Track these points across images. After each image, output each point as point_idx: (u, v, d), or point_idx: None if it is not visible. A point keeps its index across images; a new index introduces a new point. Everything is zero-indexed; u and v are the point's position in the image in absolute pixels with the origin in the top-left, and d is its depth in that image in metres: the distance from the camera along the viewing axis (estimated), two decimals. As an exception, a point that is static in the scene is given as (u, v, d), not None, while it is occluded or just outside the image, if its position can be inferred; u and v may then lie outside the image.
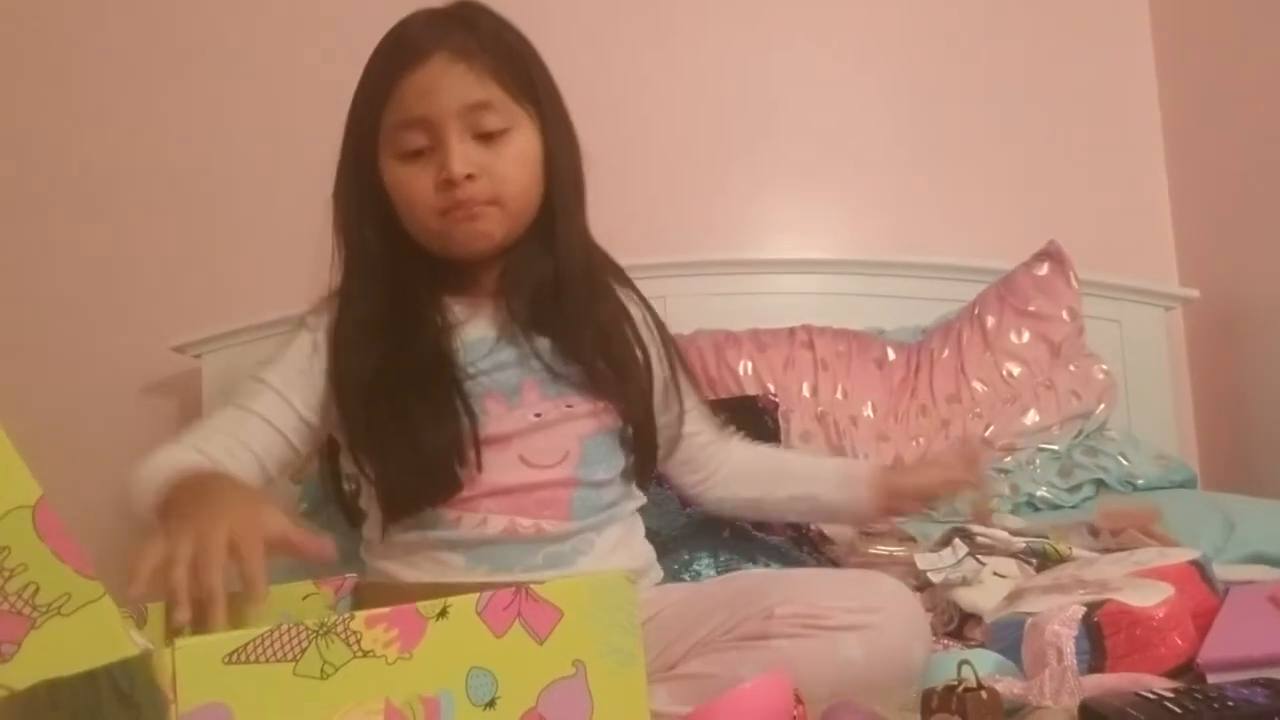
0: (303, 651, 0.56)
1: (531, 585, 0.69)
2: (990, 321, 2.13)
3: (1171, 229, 2.46)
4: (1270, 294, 2.16)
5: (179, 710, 0.53)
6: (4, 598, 0.55)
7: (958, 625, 1.29)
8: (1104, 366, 2.10)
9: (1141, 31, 2.50)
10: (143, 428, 2.27)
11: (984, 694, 0.82)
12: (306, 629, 0.57)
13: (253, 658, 0.55)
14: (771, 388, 2.06)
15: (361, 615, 0.59)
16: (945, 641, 1.22)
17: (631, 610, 0.75)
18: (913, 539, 1.59)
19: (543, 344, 1.23)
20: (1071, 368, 2.08)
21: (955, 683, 0.83)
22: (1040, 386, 2.07)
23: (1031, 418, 2.04)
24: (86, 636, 0.57)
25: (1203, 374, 2.40)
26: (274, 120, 2.41)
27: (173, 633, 0.76)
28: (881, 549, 1.51)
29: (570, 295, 1.23)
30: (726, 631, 1.06)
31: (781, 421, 2.00)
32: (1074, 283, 2.14)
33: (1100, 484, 1.96)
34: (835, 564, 1.59)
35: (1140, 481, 1.97)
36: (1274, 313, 2.14)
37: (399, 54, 1.18)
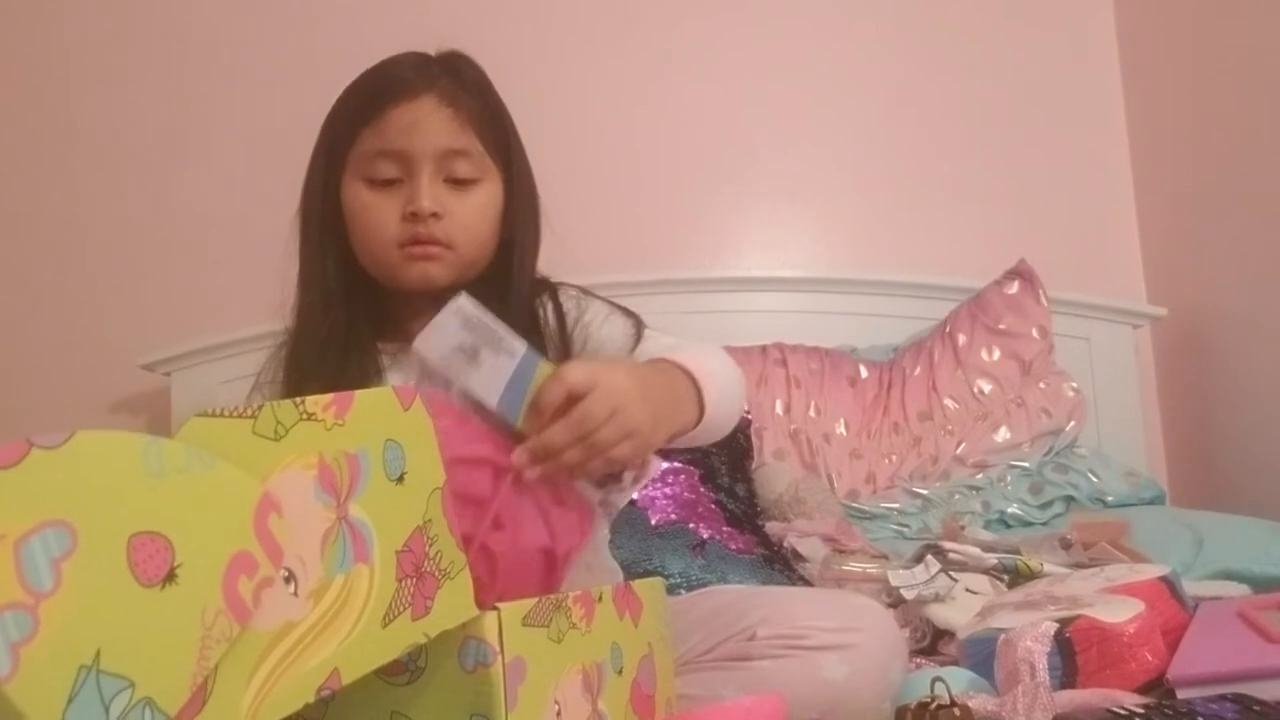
0: (551, 620, 0.72)
1: (629, 582, 0.87)
2: (961, 339, 2.14)
3: (1139, 248, 2.49)
4: (1236, 312, 2.18)
5: (505, 661, 0.65)
6: (428, 561, 0.64)
7: (931, 642, 1.30)
8: (1074, 384, 2.11)
9: (1108, 52, 2.53)
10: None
11: (957, 711, 0.82)
12: (552, 601, 0.73)
13: (533, 621, 0.70)
14: (744, 405, 2.06)
15: (570, 595, 0.76)
16: (918, 660, 1.22)
17: (666, 607, 0.94)
18: (885, 556, 1.60)
19: None
20: (1042, 385, 2.10)
21: (929, 700, 0.83)
22: (1011, 404, 2.08)
23: (1003, 435, 2.05)
24: (457, 598, 0.66)
25: (1171, 391, 2.42)
26: (243, 138, 2.40)
27: None
28: (855, 566, 1.51)
29: None
30: (706, 651, 1.06)
31: (754, 439, 2.00)
32: (1044, 301, 2.16)
33: (1071, 501, 1.98)
34: (807, 581, 1.59)
35: (1110, 498, 1.98)
36: (1240, 330, 2.17)
37: (388, 86, 1.19)
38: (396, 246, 1.17)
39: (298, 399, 0.57)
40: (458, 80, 1.20)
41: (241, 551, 0.50)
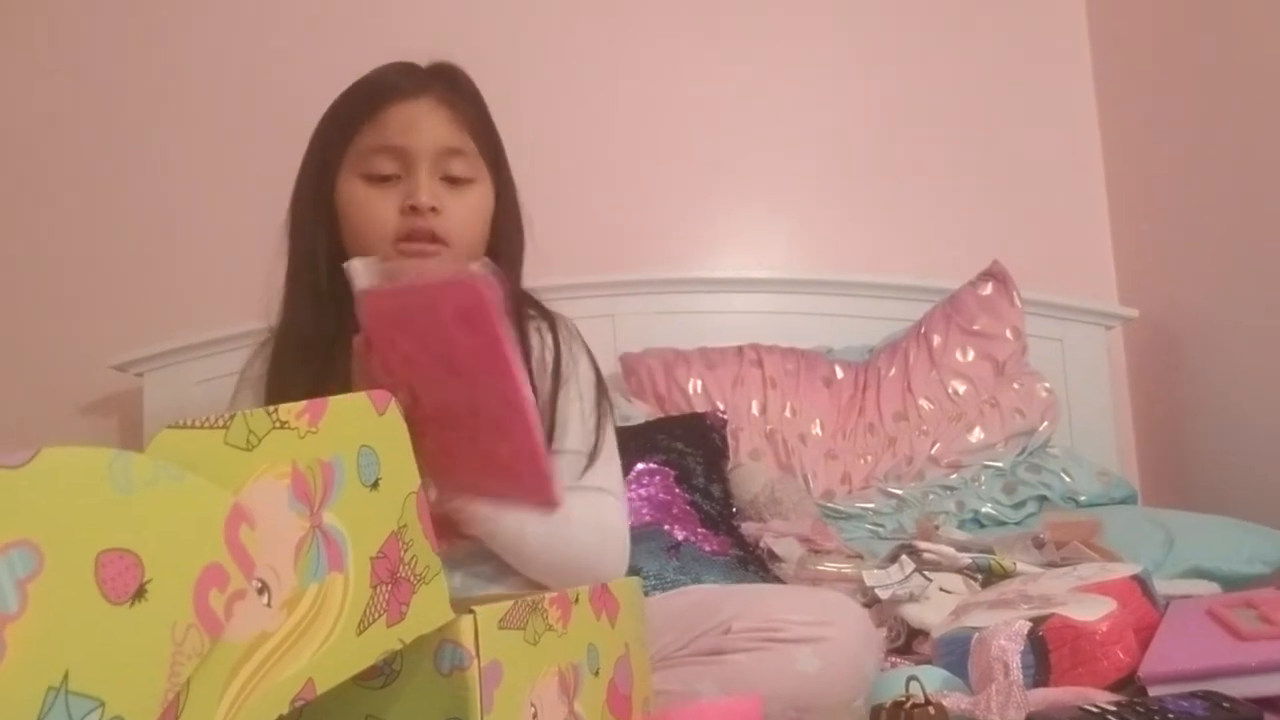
0: (528, 623, 0.72)
1: (607, 582, 0.87)
2: (936, 340, 2.16)
3: (1111, 250, 2.51)
4: (1207, 313, 2.21)
5: (481, 665, 0.65)
6: (404, 566, 0.63)
7: (905, 641, 1.30)
8: (1047, 385, 2.13)
9: (1082, 56, 2.55)
10: (81, 448, 2.22)
11: (932, 710, 0.82)
12: (529, 603, 0.73)
13: (509, 624, 0.69)
14: (720, 406, 2.07)
15: (546, 597, 0.75)
16: (893, 659, 1.23)
17: (643, 606, 0.94)
18: (860, 556, 1.60)
19: None
20: (1015, 386, 2.11)
21: (903, 699, 0.83)
22: (985, 404, 2.09)
23: (977, 435, 2.06)
24: (432, 603, 0.66)
25: (1142, 392, 2.45)
26: (219, 136, 2.39)
27: None
28: (830, 566, 1.51)
29: None
30: (682, 647, 1.06)
31: (730, 439, 2.00)
32: (1017, 302, 2.17)
33: (1043, 500, 1.99)
34: (781, 581, 1.59)
35: (1083, 498, 2.00)
36: (1210, 331, 2.19)
37: (385, 88, 1.21)
38: (393, 242, 1.18)
39: (270, 408, 0.56)
40: (453, 87, 1.23)
41: (212, 564, 0.49)
